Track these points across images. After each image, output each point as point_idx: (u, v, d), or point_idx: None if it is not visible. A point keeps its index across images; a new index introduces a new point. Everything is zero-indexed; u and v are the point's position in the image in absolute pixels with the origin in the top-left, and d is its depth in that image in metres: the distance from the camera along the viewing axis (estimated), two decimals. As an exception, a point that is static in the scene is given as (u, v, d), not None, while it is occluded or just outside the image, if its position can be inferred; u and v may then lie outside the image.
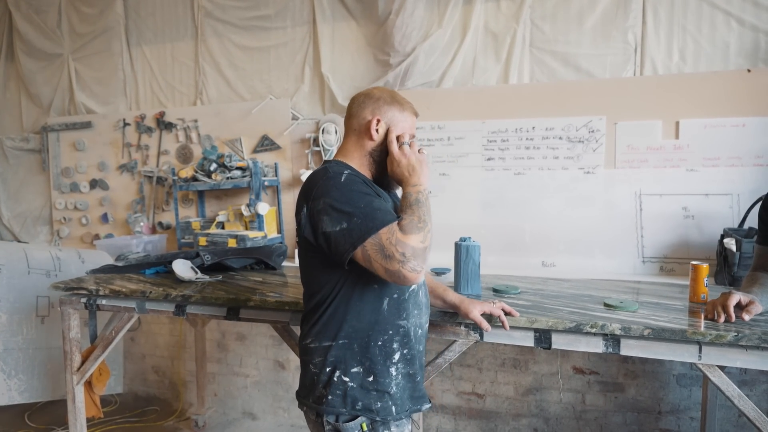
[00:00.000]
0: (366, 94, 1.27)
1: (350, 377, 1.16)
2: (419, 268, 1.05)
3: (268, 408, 2.92)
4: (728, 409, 2.13)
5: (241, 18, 2.97)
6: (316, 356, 1.19)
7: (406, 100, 1.28)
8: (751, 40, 2.24)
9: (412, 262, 1.04)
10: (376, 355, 1.16)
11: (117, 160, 3.28)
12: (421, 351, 1.25)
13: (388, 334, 1.17)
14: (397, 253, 1.03)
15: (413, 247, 1.04)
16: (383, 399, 1.17)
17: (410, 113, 1.27)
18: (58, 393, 2.62)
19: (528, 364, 2.44)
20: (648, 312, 1.49)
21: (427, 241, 1.07)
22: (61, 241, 3.42)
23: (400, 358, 1.19)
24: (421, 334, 1.25)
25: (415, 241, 1.05)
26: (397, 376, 1.19)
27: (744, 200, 2.23)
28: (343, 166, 1.19)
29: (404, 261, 1.03)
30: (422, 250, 1.05)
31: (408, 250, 1.03)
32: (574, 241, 2.45)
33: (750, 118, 2.23)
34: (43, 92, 3.41)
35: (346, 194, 1.09)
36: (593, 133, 2.45)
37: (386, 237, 1.04)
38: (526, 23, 2.51)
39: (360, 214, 1.06)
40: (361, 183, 1.13)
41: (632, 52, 2.40)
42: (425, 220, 1.09)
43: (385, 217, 1.07)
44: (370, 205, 1.08)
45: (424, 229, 1.08)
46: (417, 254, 1.04)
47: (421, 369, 1.26)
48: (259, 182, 2.75)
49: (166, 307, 1.88)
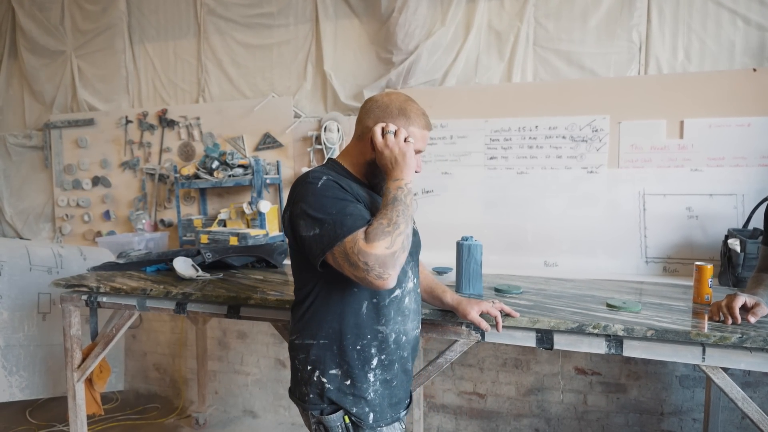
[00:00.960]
0: (375, 101, 1.22)
1: (328, 379, 1.16)
2: (386, 275, 1.02)
3: (268, 406, 2.92)
4: (731, 410, 2.12)
5: (244, 15, 2.96)
6: (300, 353, 1.20)
7: (419, 111, 1.22)
8: (757, 39, 2.22)
9: (377, 269, 1.02)
10: (354, 359, 1.16)
11: (119, 157, 3.28)
12: (405, 357, 1.23)
13: (366, 338, 1.16)
14: (360, 262, 1.02)
15: (376, 255, 1.01)
16: (359, 404, 1.16)
17: (419, 127, 1.20)
18: (59, 390, 2.63)
19: (530, 364, 2.43)
20: (651, 313, 1.48)
21: (395, 246, 1.03)
22: (64, 238, 3.42)
23: (378, 364, 1.18)
24: (406, 340, 1.22)
25: (380, 249, 1.01)
26: (375, 383, 1.17)
27: (749, 200, 2.21)
28: (327, 169, 1.17)
29: (368, 270, 1.02)
30: (387, 256, 1.02)
31: (371, 260, 1.01)
32: (577, 240, 2.44)
33: (755, 118, 2.21)
34: (45, 89, 3.42)
35: (320, 200, 1.08)
36: (597, 132, 2.43)
37: (350, 246, 1.03)
38: (529, 21, 2.50)
39: (330, 221, 1.05)
40: (337, 189, 1.11)
41: (637, 50, 2.38)
42: (397, 222, 1.05)
43: (354, 224, 1.04)
44: (342, 211, 1.06)
45: (393, 233, 1.03)
46: (381, 262, 1.01)
47: (402, 374, 1.23)
48: (261, 180, 2.74)
49: (167, 305, 1.88)
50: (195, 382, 2.92)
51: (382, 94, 1.25)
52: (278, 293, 1.76)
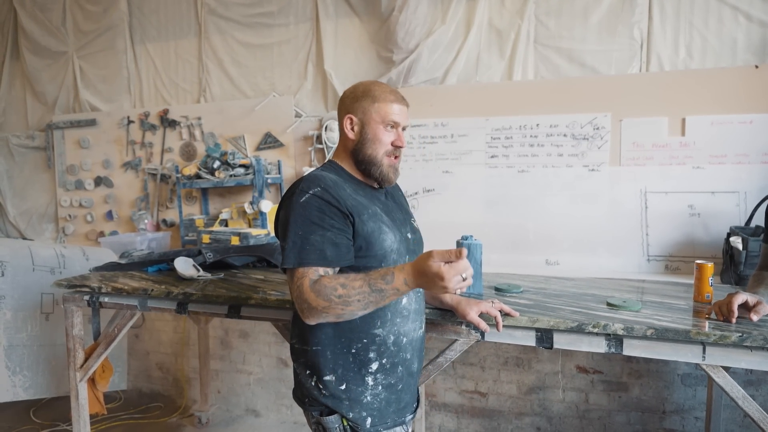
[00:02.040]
0: (344, 93, 1.25)
1: (323, 385, 1.16)
2: (308, 319, 1.08)
3: (271, 405, 2.92)
4: (733, 409, 2.11)
5: (244, 15, 2.96)
6: (300, 357, 1.22)
7: (384, 88, 1.21)
8: (759, 36, 2.20)
9: (305, 311, 1.07)
10: (350, 363, 1.15)
11: (121, 157, 3.29)
12: (408, 359, 1.21)
13: (362, 342, 1.16)
14: (294, 293, 1.08)
15: (309, 303, 1.05)
16: (355, 409, 1.15)
17: (387, 102, 1.19)
18: (63, 389, 2.64)
19: (531, 362, 2.42)
20: (651, 312, 1.47)
21: (329, 312, 1.04)
22: (66, 239, 3.44)
23: (379, 368, 1.17)
24: (407, 342, 1.21)
25: (315, 302, 1.04)
26: (375, 387, 1.17)
27: (751, 198, 2.20)
28: (319, 179, 1.13)
29: (299, 304, 1.07)
30: (317, 310, 1.05)
31: (302, 302, 1.06)
32: (579, 239, 2.43)
33: (758, 115, 2.20)
34: (48, 90, 3.43)
35: (295, 217, 1.10)
36: (598, 130, 2.42)
37: (296, 277, 1.08)
38: (530, 19, 2.49)
39: (291, 242, 1.09)
40: (316, 209, 1.09)
41: (638, 47, 2.37)
42: (349, 301, 1.03)
43: (309, 256, 1.07)
44: (307, 238, 1.08)
45: (336, 305, 1.03)
46: (310, 309, 1.05)
47: (408, 377, 1.22)
48: (262, 180, 2.75)
49: (168, 305, 1.89)
50: (197, 381, 2.93)
51: (349, 87, 1.26)
52: (279, 293, 1.76)
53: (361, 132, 1.20)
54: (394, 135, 1.21)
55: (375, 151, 1.20)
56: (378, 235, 1.14)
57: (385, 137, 1.20)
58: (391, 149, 1.21)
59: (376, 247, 1.14)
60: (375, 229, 1.14)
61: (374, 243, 1.13)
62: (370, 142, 1.20)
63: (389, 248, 1.16)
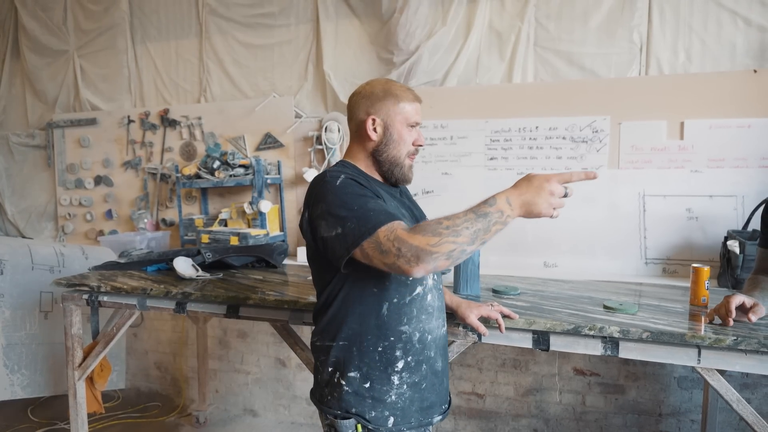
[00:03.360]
0: (359, 93, 1.22)
1: (347, 381, 1.14)
2: (414, 265, 0.95)
3: (269, 405, 2.93)
4: (729, 412, 2.12)
5: (245, 15, 2.97)
6: (321, 355, 1.19)
7: (403, 87, 1.21)
8: (757, 40, 2.21)
9: (408, 256, 0.95)
10: (375, 361, 1.13)
11: (121, 156, 3.30)
12: (432, 357, 1.20)
13: (389, 340, 1.14)
14: (393, 248, 0.96)
15: (413, 245, 0.94)
16: (378, 408, 1.13)
17: (408, 101, 1.19)
18: (61, 388, 2.64)
19: (528, 364, 2.43)
20: (648, 315, 1.48)
21: (440, 248, 0.93)
22: (66, 237, 3.45)
23: (404, 367, 1.15)
24: (431, 339, 1.20)
25: (420, 242, 0.94)
26: (401, 386, 1.15)
27: (749, 202, 2.20)
28: (344, 168, 1.16)
29: (399, 255, 0.96)
30: (425, 251, 0.94)
31: (405, 246, 0.95)
32: (577, 241, 2.44)
33: (756, 119, 2.21)
34: (48, 89, 3.44)
35: (340, 197, 1.05)
36: (597, 133, 2.43)
37: (384, 235, 0.98)
38: (530, 22, 2.50)
39: (353, 218, 1.02)
40: (356, 185, 1.09)
41: (637, 51, 2.38)
42: (458, 230, 0.94)
43: (379, 218, 1.01)
44: (364, 206, 1.03)
45: (445, 236, 0.94)
46: (415, 253, 0.94)
47: (432, 376, 1.20)
48: (262, 180, 2.76)
49: (167, 305, 1.89)
50: (196, 380, 2.93)
51: (363, 85, 1.24)
52: (277, 293, 1.77)
53: (384, 133, 1.19)
54: (416, 134, 1.21)
55: (399, 151, 1.20)
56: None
57: (408, 138, 1.20)
58: (413, 149, 1.22)
59: None
60: (399, 216, 1.10)
61: None
62: (395, 143, 1.19)
63: None
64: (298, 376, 2.84)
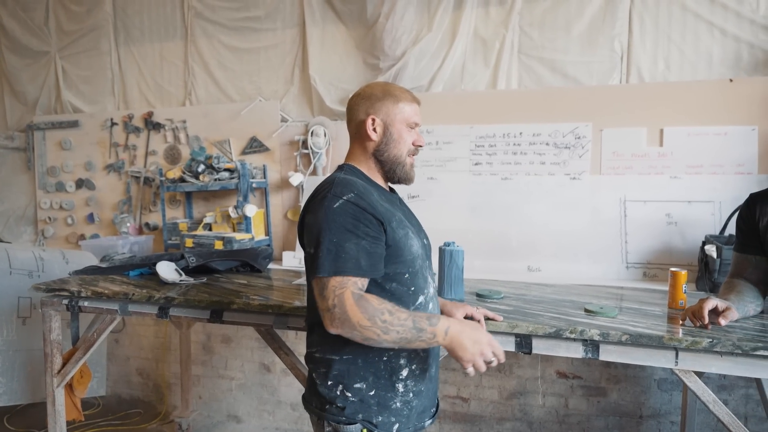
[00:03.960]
0: (358, 95, 1.24)
1: (352, 392, 1.13)
2: (339, 329, 1.03)
3: (253, 411, 2.90)
4: (707, 413, 2.15)
5: (231, 18, 2.96)
6: (321, 367, 1.17)
7: (401, 88, 1.24)
8: (733, 50, 2.28)
9: (337, 320, 1.02)
10: (381, 370, 1.14)
11: (104, 159, 3.25)
12: (430, 364, 1.22)
13: (393, 349, 1.14)
14: (330, 301, 1.03)
15: (349, 315, 1.01)
16: (384, 413, 1.14)
17: (407, 102, 1.22)
18: (39, 396, 2.59)
19: (512, 368, 2.45)
20: (627, 318, 1.51)
21: (369, 332, 1.01)
22: (46, 241, 3.38)
23: (409, 374, 1.16)
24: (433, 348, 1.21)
25: (358, 318, 1.01)
26: (406, 393, 1.16)
27: (725, 207, 2.26)
28: (350, 183, 1.12)
29: (329, 310, 1.03)
30: (356, 326, 1.01)
31: (340, 309, 1.01)
32: (560, 246, 2.47)
33: (732, 127, 2.27)
34: (28, 90, 3.38)
35: (329, 223, 1.07)
36: (579, 139, 2.47)
37: (333, 285, 1.04)
38: (514, 29, 2.54)
39: (326, 251, 1.05)
40: (350, 216, 1.06)
41: (618, 59, 2.43)
42: (390, 330, 1.02)
43: (346, 264, 1.04)
44: (342, 245, 1.05)
45: (374, 329, 1.02)
46: (345, 321, 1.01)
47: (429, 382, 1.22)
48: (247, 184, 2.74)
49: (149, 309, 1.87)
50: (178, 386, 2.89)
51: (362, 87, 1.26)
52: (262, 298, 1.76)
53: (384, 132, 1.20)
54: (415, 135, 1.24)
55: (400, 151, 1.21)
56: (406, 241, 1.15)
57: (408, 137, 1.22)
58: (413, 149, 1.24)
59: (406, 252, 1.14)
60: (403, 235, 1.14)
61: (404, 249, 1.14)
62: (396, 142, 1.21)
63: (416, 253, 1.17)
64: (282, 381, 2.82)
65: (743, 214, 1.60)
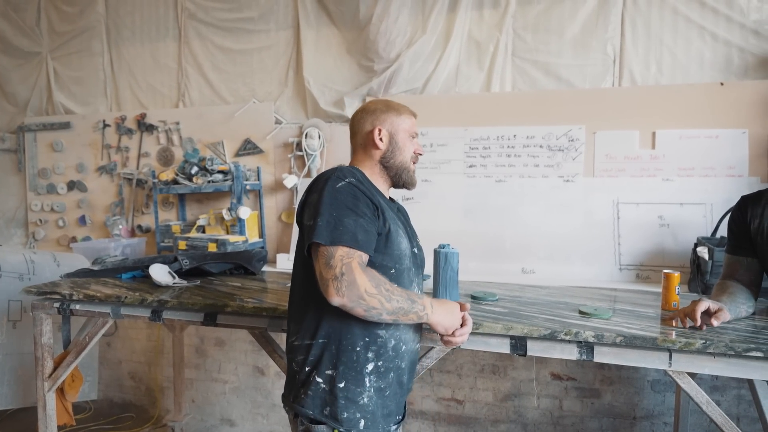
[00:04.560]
0: (363, 110, 1.36)
1: (323, 379, 1.16)
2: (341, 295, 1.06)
3: (246, 414, 2.88)
4: (700, 414, 2.17)
5: (224, 20, 2.95)
6: (299, 354, 1.20)
7: (400, 104, 1.37)
8: (723, 54, 2.31)
9: (345, 286, 1.06)
10: (352, 361, 1.16)
11: (96, 161, 3.23)
12: (401, 368, 1.23)
13: (364, 340, 1.17)
14: (338, 270, 1.06)
15: (357, 282, 1.05)
16: (350, 410, 1.15)
17: (407, 115, 1.35)
18: (30, 400, 2.56)
19: (507, 370, 2.45)
20: (621, 319, 1.51)
21: (367, 300, 1.06)
22: (37, 244, 3.35)
23: (373, 369, 1.18)
24: (405, 350, 1.23)
25: (366, 284, 1.06)
26: (369, 389, 1.17)
27: (717, 210, 2.28)
28: (353, 172, 1.22)
29: (337, 278, 1.06)
30: (359, 292, 1.06)
31: (348, 277, 1.05)
32: (554, 248, 2.48)
33: (723, 130, 2.29)
34: (18, 91, 3.35)
35: (330, 199, 1.13)
36: (573, 141, 2.49)
37: (341, 254, 1.08)
38: (508, 32, 2.55)
39: (328, 221, 1.10)
40: (351, 197, 1.14)
41: (611, 63, 2.45)
42: (392, 298, 1.10)
43: (344, 236, 1.09)
44: (341, 219, 1.11)
45: (378, 297, 1.08)
46: (352, 287, 1.05)
47: (397, 386, 1.23)
48: (241, 186, 2.73)
49: (142, 313, 1.85)
50: (171, 390, 2.87)
51: (364, 104, 1.38)
52: (256, 300, 1.75)
53: (390, 141, 1.31)
54: (416, 144, 1.36)
55: (405, 157, 1.33)
56: (396, 237, 1.21)
57: (410, 146, 1.34)
58: (414, 156, 1.36)
59: (394, 246, 1.20)
60: (394, 229, 1.21)
61: (393, 242, 1.20)
62: (401, 150, 1.32)
63: (404, 251, 1.23)
64: (276, 384, 2.80)
65: (735, 217, 1.61)
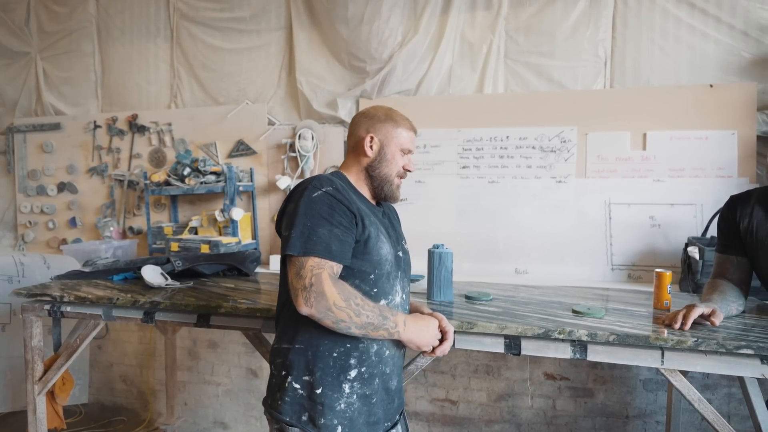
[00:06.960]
0: (362, 113, 1.33)
1: (300, 384, 1.16)
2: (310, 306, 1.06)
3: (239, 417, 2.87)
4: (692, 412, 2.19)
5: (216, 19, 2.94)
6: (278, 358, 1.21)
7: (402, 116, 1.32)
8: (713, 57, 2.34)
9: (313, 297, 1.06)
10: (329, 367, 1.15)
11: (87, 162, 3.20)
12: (387, 373, 1.22)
13: (344, 347, 1.16)
14: (308, 280, 1.07)
15: (325, 294, 1.06)
16: (327, 416, 1.14)
17: (405, 129, 1.30)
18: (19, 404, 2.52)
19: (501, 370, 2.46)
20: (614, 318, 1.52)
21: (336, 313, 1.07)
22: (26, 246, 3.30)
23: (357, 376, 1.17)
24: (389, 355, 1.22)
25: (335, 297, 1.07)
26: (351, 395, 1.16)
27: (707, 210, 2.31)
28: (333, 179, 1.21)
29: (306, 288, 1.07)
30: (328, 304, 1.06)
31: (317, 288, 1.06)
32: (547, 248, 2.50)
33: (712, 131, 2.32)
34: (7, 91, 3.31)
35: (305, 209, 1.13)
36: (565, 143, 2.50)
37: (311, 265, 1.08)
38: (501, 34, 2.56)
39: (299, 232, 1.11)
40: (327, 206, 1.14)
41: (602, 64, 2.47)
42: (361, 313, 1.09)
43: (317, 247, 1.09)
44: (315, 229, 1.11)
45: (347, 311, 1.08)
46: (320, 299, 1.06)
47: (384, 392, 1.21)
48: (234, 187, 2.72)
49: (134, 314, 1.84)
50: (163, 393, 2.84)
51: (368, 107, 1.36)
52: (249, 301, 1.74)
53: (379, 152, 1.28)
54: (407, 160, 1.32)
55: (390, 170, 1.29)
56: (376, 242, 1.20)
57: (399, 160, 1.30)
58: (402, 171, 1.32)
59: (374, 252, 1.19)
60: (374, 235, 1.19)
61: (372, 248, 1.19)
62: (388, 162, 1.29)
63: (384, 257, 1.21)
64: (270, 386, 2.79)
65: (724, 216, 1.63)
